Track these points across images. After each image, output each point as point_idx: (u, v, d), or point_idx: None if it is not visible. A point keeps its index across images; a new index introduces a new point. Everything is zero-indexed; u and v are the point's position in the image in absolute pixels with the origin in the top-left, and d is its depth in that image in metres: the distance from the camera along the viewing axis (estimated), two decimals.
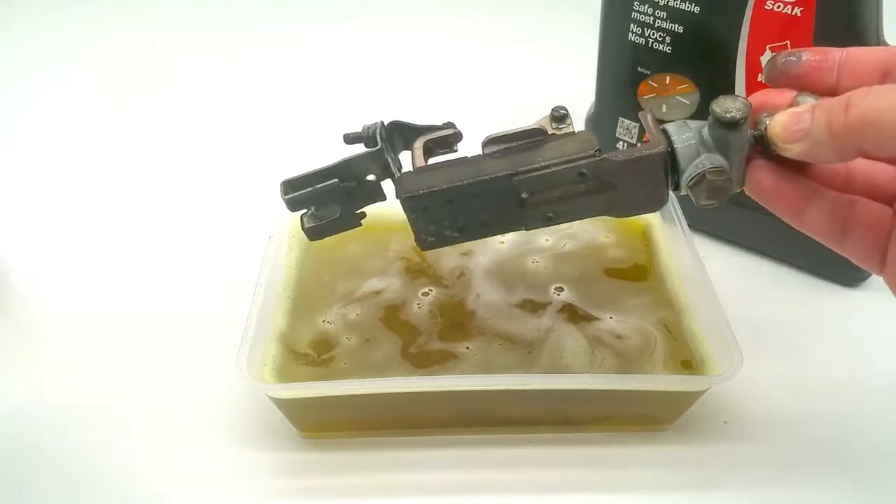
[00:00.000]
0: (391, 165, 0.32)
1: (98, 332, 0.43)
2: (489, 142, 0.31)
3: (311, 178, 0.33)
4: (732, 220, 0.48)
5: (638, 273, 0.43)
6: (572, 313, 0.40)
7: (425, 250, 0.33)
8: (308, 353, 0.38)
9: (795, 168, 0.28)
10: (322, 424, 0.38)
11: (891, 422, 0.39)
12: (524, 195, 0.30)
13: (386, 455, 0.37)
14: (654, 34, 0.45)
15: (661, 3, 0.43)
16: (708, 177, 0.28)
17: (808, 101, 0.27)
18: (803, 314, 0.45)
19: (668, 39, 0.44)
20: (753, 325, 0.41)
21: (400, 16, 0.80)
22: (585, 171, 0.29)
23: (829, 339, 0.43)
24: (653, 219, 0.45)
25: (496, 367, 0.37)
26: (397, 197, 0.31)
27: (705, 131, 0.28)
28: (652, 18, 0.44)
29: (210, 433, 0.38)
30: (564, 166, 0.29)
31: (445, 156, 0.33)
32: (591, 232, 0.45)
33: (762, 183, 0.28)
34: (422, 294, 0.41)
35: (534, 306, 0.40)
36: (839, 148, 0.25)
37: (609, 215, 0.31)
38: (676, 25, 0.44)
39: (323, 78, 0.71)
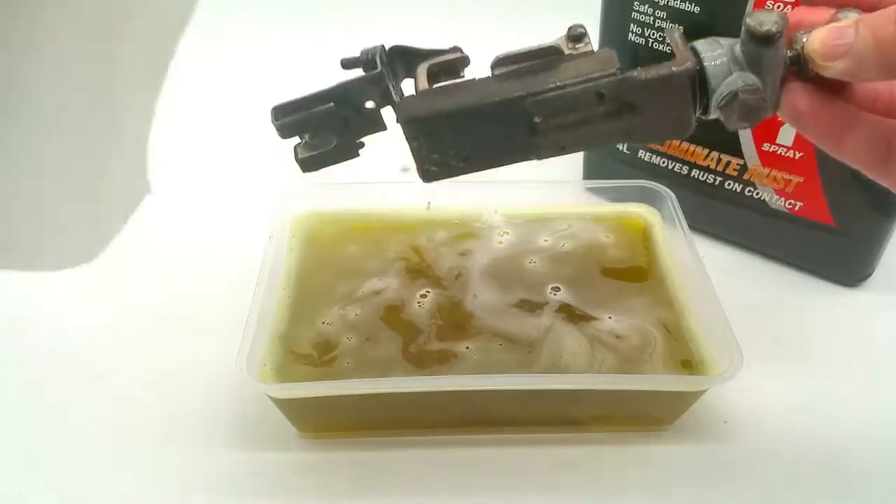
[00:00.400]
0: (392, 92, 0.29)
1: (98, 333, 0.43)
2: (499, 62, 0.29)
3: (304, 102, 0.30)
4: (732, 220, 0.48)
5: (637, 273, 0.43)
6: (570, 313, 0.40)
7: (428, 182, 0.30)
8: (309, 353, 0.38)
9: (834, 90, 0.26)
10: (322, 424, 0.38)
11: (891, 422, 0.39)
12: (536, 119, 0.28)
13: (386, 455, 0.37)
14: (654, 34, 0.45)
15: (661, 3, 0.43)
16: (741, 96, 0.26)
17: (851, 16, 0.25)
18: (803, 314, 0.45)
19: (668, 39, 0.44)
20: (753, 325, 0.41)
21: (397, 13, 0.80)
22: (605, 92, 0.27)
23: (829, 339, 0.43)
24: (653, 218, 0.45)
25: (496, 367, 0.37)
26: (398, 121, 0.29)
27: (737, 48, 0.26)
28: (652, 18, 0.44)
29: (210, 433, 0.38)
30: (582, 86, 0.27)
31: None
32: (590, 232, 0.45)
33: (798, 105, 0.26)
34: (420, 296, 0.41)
35: (531, 306, 0.40)
36: (886, 64, 0.23)
37: (628, 142, 0.29)
38: (676, 25, 0.44)
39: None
